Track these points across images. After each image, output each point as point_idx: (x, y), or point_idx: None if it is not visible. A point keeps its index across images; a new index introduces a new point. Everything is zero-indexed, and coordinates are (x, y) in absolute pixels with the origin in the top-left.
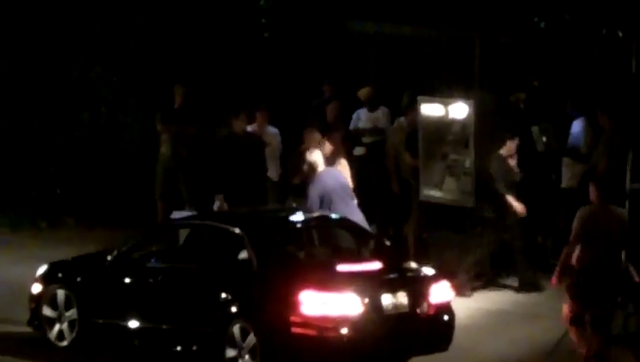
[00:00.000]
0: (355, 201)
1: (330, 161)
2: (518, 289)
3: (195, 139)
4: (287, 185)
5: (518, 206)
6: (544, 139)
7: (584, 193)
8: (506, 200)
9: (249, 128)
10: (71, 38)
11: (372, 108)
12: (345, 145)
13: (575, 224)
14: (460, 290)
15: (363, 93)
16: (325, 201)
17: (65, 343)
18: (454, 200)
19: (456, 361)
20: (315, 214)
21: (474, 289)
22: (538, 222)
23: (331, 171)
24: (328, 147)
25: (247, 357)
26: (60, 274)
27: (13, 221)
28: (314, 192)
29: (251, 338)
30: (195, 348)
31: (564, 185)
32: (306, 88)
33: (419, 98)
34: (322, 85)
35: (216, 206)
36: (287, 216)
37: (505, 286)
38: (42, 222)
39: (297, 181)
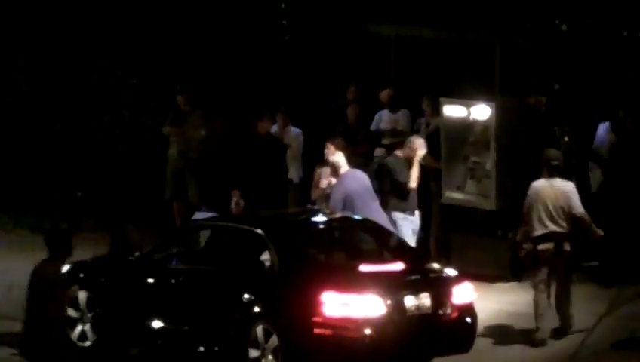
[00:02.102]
0: (377, 203)
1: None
2: None
3: (205, 141)
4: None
5: None
6: (566, 139)
7: (605, 198)
8: None
9: (272, 130)
10: (91, 41)
11: (393, 110)
12: (365, 146)
13: (526, 200)
14: None
15: (384, 94)
16: (348, 203)
17: (87, 343)
18: (476, 202)
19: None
20: (337, 215)
21: None
22: None
23: (354, 173)
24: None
25: (270, 357)
26: (81, 275)
27: (33, 223)
28: (336, 194)
29: (274, 340)
30: (217, 348)
31: (594, 189)
32: (327, 90)
33: (441, 100)
34: (347, 86)
35: (233, 203)
36: (309, 218)
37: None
38: (63, 224)
39: (316, 196)
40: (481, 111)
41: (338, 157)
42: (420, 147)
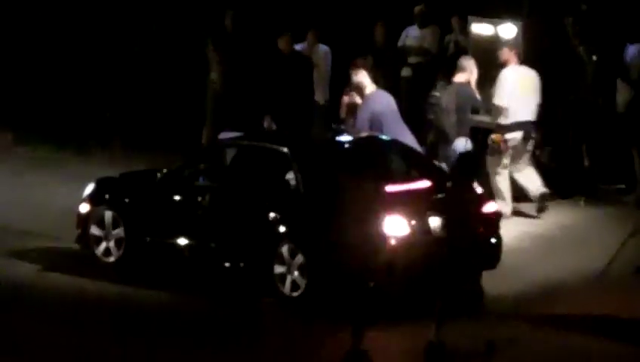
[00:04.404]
0: (404, 124)
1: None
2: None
3: (244, 64)
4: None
5: None
6: (594, 58)
7: (632, 119)
8: None
9: (298, 47)
10: None
11: (421, 26)
12: (392, 65)
13: (500, 88)
14: None
15: (416, 9)
16: (375, 124)
17: (112, 259)
18: None
19: (502, 280)
20: (364, 135)
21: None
22: (586, 146)
23: (380, 93)
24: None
25: (295, 273)
26: (107, 195)
27: (61, 142)
28: (363, 114)
29: (299, 258)
30: (242, 264)
31: (620, 110)
32: (357, 8)
33: (469, 18)
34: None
35: (265, 126)
36: (334, 137)
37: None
38: (90, 141)
39: (345, 114)
40: (508, 30)
41: (362, 77)
42: (475, 68)
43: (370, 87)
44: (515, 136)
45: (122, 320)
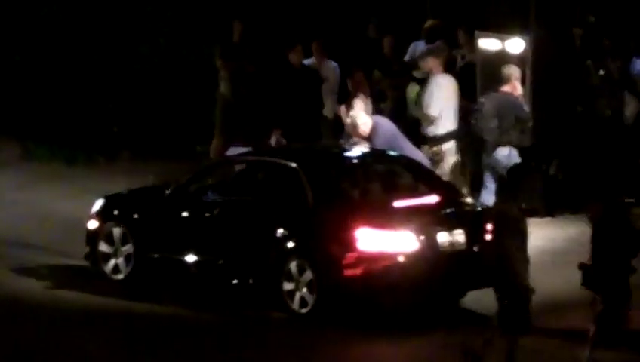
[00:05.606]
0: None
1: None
2: None
3: (253, 77)
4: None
5: None
6: (601, 72)
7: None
8: None
9: (306, 62)
10: None
11: (429, 41)
12: (399, 78)
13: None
14: None
15: (426, 24)
16: (393, 144)
17: (120, 276)
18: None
19: None
20: (372, 150)
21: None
22: (592, 157)
23: (383, 118)
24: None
25: (304, 290)
26: (116, 211)
27: (69, 155)
28: (380, 139)
29: (308, 274)
30: (251, 281)
31: (628, 122)
32: (362, 21)
33: (476, 33)
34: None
35: (273, 141)
36: (343, 152)
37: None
38: (99, 156)
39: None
40: (516, 45)
41: (359, 110)
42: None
43: (368, 117)
44: (450, 146)
45: (131, 336)
